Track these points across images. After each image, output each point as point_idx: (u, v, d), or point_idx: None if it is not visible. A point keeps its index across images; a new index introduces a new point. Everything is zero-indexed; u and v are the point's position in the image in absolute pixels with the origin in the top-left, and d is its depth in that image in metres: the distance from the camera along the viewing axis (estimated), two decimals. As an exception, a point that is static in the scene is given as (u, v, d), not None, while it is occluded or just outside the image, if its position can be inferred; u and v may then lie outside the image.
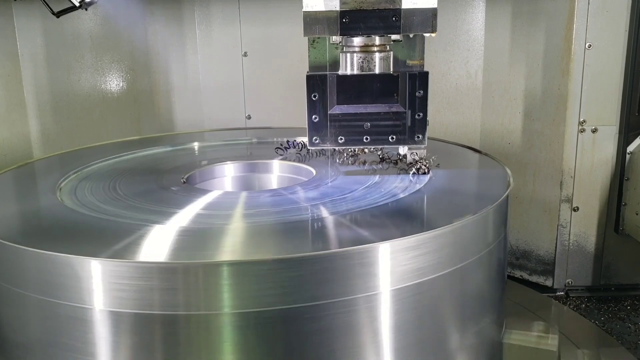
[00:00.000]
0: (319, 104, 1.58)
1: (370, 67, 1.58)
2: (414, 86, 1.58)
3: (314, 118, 1.59)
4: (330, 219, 1.42)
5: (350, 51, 1.58)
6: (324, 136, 1.61)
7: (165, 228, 1.39)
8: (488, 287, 1.52)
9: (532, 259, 2.58)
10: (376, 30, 1.51)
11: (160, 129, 2.79)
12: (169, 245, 1.30)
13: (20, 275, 1.31)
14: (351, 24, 1.49)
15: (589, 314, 2.37)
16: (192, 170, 1.90)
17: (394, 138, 1.62)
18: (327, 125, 1.60)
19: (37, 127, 2.68)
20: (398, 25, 1.48)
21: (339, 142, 1.62)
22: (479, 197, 1.60)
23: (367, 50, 1.57)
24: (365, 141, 1.62)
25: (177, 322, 1.22)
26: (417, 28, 1.51)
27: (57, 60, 2.66)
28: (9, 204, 1.60)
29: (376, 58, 1.58)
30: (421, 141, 1.62)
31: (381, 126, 1.61)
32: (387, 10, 1.47)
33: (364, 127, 1.61)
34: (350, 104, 1.59)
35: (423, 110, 1.60)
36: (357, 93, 1.59)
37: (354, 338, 1.28)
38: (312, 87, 1.58)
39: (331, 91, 1.58)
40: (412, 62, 1.63)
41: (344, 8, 1.47)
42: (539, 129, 2.48)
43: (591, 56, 2.30)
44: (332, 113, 1.59)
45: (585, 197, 2.43)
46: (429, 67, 2.75)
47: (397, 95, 1.58)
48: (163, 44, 2.75)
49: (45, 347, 1.33)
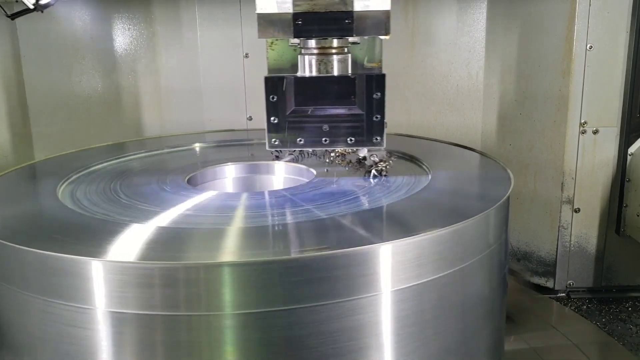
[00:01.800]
0: (278, 105, 1.59)
1: (328, 70, 1.58)
2: (371, 88, 1.58)
3: (273, 120, 1.60)
4: (332, 220, 1.43)
5: (309, 53, 1.58)
6: (283, 138, 1.62)
7: (167, 229, 1.40)
8: (489, 288, 1.52)
9: (533, 260, 2.58)
10: (330, 33, 1.51)
11: (161, 130, 2.79)
12: (170, 246, 1.30)
13: (22, 276, 1.31)
14: (305, 26, 1.48)
15: (590, 316, 2.37)
16: (194, 171, 1.90)
17: (353, 140, 1.62)
18: (286, 127, 1.60)
19: (38, 129, 2.68)
20: (351, 28, 1.48)
21: (298, 143, 1.62)
22: (480, 199, 1.60)
23: (325, 52, 1.58)
24: (324, 143, 1.63)
25: (179, 322, 1.22)
26: (371, 30, 1.50)
27: (58, 61, 2.67)
28: (10, 205, 1.60)
29: (334, 60, 1.58)
30: (379, 143, 1.63)
31: (339, 128, 1.61)
32: (339, 12, 1.47)
33: (323, 129, 1.61)
34: (309, 106, 1.59)
35: (380, 113, 1.60)
36: (315, 95, 1.59)
37: (355, 339, 1.28)
38: (271, 89, 1.58)
39: (289, 93, 1.58)
40: (370, 65, 1.64)
41: (297, 10, 1.47)
42: (540, 130, 2.48)
43: (592, 57, 2.30)
44: (290, 115, 1.59)
45: (586, 199, 2.43)
46: (432, 68, 2.78)
47: (354, 98, 1.58)
48: (164, 45, 2.75)
49: (47, 347, 1.33)
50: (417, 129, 2.84)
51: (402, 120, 2.86)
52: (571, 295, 2.52)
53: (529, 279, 2.60)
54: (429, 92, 2.81)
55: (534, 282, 2.58)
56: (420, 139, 2.30)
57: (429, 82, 2.80)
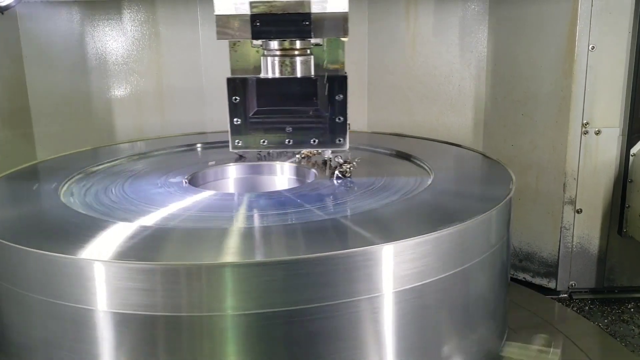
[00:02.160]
0: (240, 107, 1.59)
1: (291, 71, 1.58)
2: (333, 90, 1.58)
3: (236, 121, 1.60)
4: (333, 220, 1.42)
5: (271, 55, 1.58)
6: (246, 139, 1.62)
7: (168, 229, 1.40)
8: (491, 289, 1.52)
9: (535, 261, 2.58)
10: (287, 34, 1.51)
11: (163, 130, 2.79)
12: (172, 247, 1.30)
13: (24, 277, 1.31)
14: (263, 28, 1.48)
15: (592, 317, 2.37)
16: (195, 171, 1.90)
17: (316, 141, 1.63)
18: (249, 128, 1.61)
19: (40, 129, 2.69)
20: (309, 30, 1.48)
21: (262, 144, 1.62)
22: (482, 199, 1.60)
23: (287, 54, 1.57)
24: (287, 144, 1.63)
25: (180, 323, 1.22)
26: (329, 32, 1.51)
27: (60, 62, 2.67)
28: (12, 205, 1.60)
29: (297, 62, 1.58)
30: (342, 144, 1.63)
31: (302, 129, 1.62)
32: (297, 14, 1.47)
33: (286, 130, 1.61)
34: (271, 107, 1.60)
35: (343, 114, 1.60)
36: (277, 96, 1.59)
37: (356, 340, 1.28)
38: (233, 90, 1.58)
39: (251, 94, 1.58)
40: (333, 66, 1.64)
41: (255, 12, 1.47)
42: (542, 130, 2.48)
43: (594, 58, 2.30)
44: (253, 116, 1.59)
45: (588, 199, 2.42)
46: (432, 68, 2.78)
47: (316, 99, 1.58)
48: (166, 45, 2.75)
49: (48, 348, 1.33)
50: (419, 129, 2.84)
51: (404, 121, 2.86)
52: (573, 296, 2.51)
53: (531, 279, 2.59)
54: (430, 93, 2.81)
55: (535, 283, 2.57)
56: (422, 140, 2.30)
57: (430, 82, 2.80)
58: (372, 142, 2.24)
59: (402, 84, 2.83)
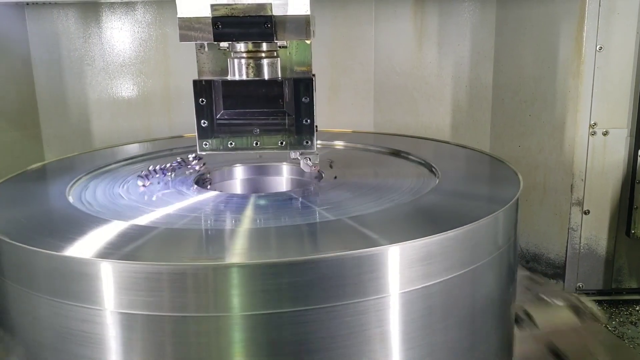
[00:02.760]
0: (207, 109, 1.59)
1: (257, 73, 1.58)
2: (298, 92, 1.58)
3: (203, 123, 1.61)
4: (340, 221, 1.43)
5: (238, 57, 1.59)
6: (213, 141, 1.62)
7: (175, 230, 1.40)
8: (498, 290, 1.52)
9: (543, 262, 2.57)
10: (249, 37, 1.51)
11: (170, 131, 2.80)
12: (178, 247, 1.31)
13: (32, 277, 1.32)
14: (224, 30, 1.48)
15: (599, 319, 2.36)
16: (203, 172, 1.91)
17: (283, 143, 1.63)
18: (216, 130, 1.61)
19: (48, 130, 2.70)
20: (271, 33, 1.48)
21: (229, 146, 1.63)
22: (489, 200, 1.60)
23: (253, 56, 1.58)
24: (255, 146, 1.63)
25: (187, 323, 1.22)
26: (291, 35, 1.51)
27: (68, 63, 2.68)
28: (21, 205, 1.61)
29: (263, 64, 1.58)
30: (310, 146, 1.63)
31: (269, 131, 1.62)
32: (258, 17, 1.47)
33: (253, 132, 1.62)
34: (238, 109, 1.60)
35: (309, 116, 1.60)
36: (243, 98, 1.59)
37: (363, 341, 1.28)
38: (200, 92, 1.59)
39: (218, 96, 1.59)
40: (300, 68, 1.64)
41: (216, 15, 1.47)
42: (549, 131, 2.47)
43: (602, 58, 2.29)
44: (220, 118, 1.60)
45: (596, 200, 2.42)
46: (440, 69, 2.78)
47: (282, 101, 1.59)
48: (174, 46, 2.76)
49: (56, 348, 1.34)
50: (425, 130, 2.84)
51: (410, 122, 2.86)
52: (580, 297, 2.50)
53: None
54: (437, 93, 2.81)
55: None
56: (428, 141, 2.30)
57: (437, 83, 2.80)
58: (377, 142, 2.24)
59: (409, 84, 2.83)
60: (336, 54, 2.83)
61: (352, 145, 2.24)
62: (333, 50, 2.83)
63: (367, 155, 2.15)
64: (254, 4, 1.47)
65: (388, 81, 2.85)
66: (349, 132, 2.47)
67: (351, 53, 2.84)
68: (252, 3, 1.47)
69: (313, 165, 1.74)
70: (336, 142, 2.26)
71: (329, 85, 2.86)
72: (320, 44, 2.70)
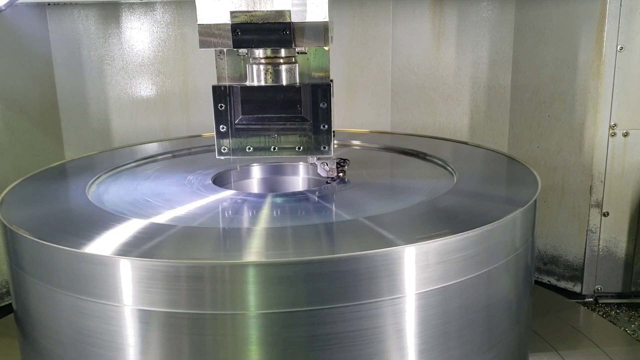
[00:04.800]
0: (226, 114, 1.61)
1: (275, 79, 1.60)
2: (316, 98, 1.59)
3: (222, 128, 1.63)
4: (356, 221, 1.43)
5: (256, 63, 1.60)
6: (232, 146, 1.64)
7: (193, 229, 1.41)
8: (515, 292, 1.51)
9: (561, 265, 2.55)
10: (268, 44, 1.52)
11: (188, 130, 2.82)
12: (196, 246, 1.32)
13: (52, 273, 1.34)
14: (243, 37, 1.50)
15: (618, 322, 2.33)
16: (219, 171, 1.92)
17: (301, 148, 1.64)
18: (234, 135, 1.63)
19: (68, 129, 2.74)
20: (289, 39, 1.49)
21: (247, 151, 1.64)
22: (507, 201, 1.59)
23: (271, 62, 1.59)
24: (273, 151, 1.64)
25: (204, 321, 1.24)
26: (310, 41, 1.52)
27: (89, 63, 2.72)
28: (42, 203, 1.63)
29: (281, 70, 1.59)
30: (327, 151, 1.65)
31: (287, 136, 1.64)
32: (277, 24, 1.49)
33: (272, 137, 1.63)
34: (256, 115, 1.61)
35: (327, 122, 1.62)
36: (261, 104, 1.61)
37: (378, 341, 1.28)
38: (218, 98, 1.60)
39: (237, 102, 1.60)
40: (318, 74, 1.65)
41: (235, 21, 1.49)
42: (568, 132, 2.45)
43: (623, 58, 2.26)
44: (238, 123, 1.61)
45: (615, 202, 2.39)
46: (458, 69, 2.76)
47: (300, 107, 1.59)
48: (192, 46, 2.78)
49: (76, 342, 1.36)
50: (443, 130, 2.83)
51: (428, 122, 2.85)
52: (599, 300, 2.48)
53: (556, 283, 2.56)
54: (455, 94, 2.79)
55: (560, 287, 2.55)
56: (446, 141, 2.29)
57: (455, 83, 2.79)
58: (394, 142, 2.24)
59: (426, 84, 2.82)
60: (353, 54, 2.83)
61: (369, 145, 2.24)
62: (350, 49, 2.83)
63: (384, 156, 2.15)
64: (272, 11, 1.48)
65: (405, 81, 2.85)
66: (366, 132, 2.47)
67: (368, 53, 2.84)
68: (271, 10, 1.48)
69: (330, 169, 1.75)
70: (353, 142, 2.26)
71: (346, 85, 2.86)
72: (337, 43, 2.70)
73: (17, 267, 1.44)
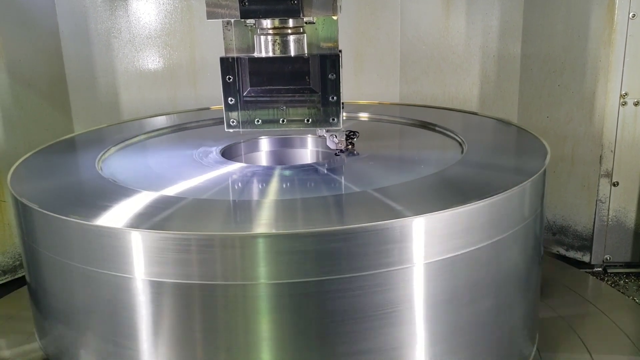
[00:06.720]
0: (234, 86, 1.60)
1: (283, 50, 1.58)
2: (325, 69, 1.57)
3: (230, 100, 1.61)
4: (365, 193, 1.43)
5: (264, 34, 1.58)
6: (240, 118, 1.63)
7: (203, 201, 1.42)
8: (524, 262, 1.51)
9: (570, 235, 2.55)
10: (276, 14, 1.50)
11: (196, 103, 2.82)
12: (206, 217, 1.33)
13: (65, 246, 1.36)
14: (251, 7, 1.48)
15: (627, 291, 2.34)
16: (228, 144, 1.92)
17: (310, 120, 1.63)
18: (243, 107, 1.61)
19: (77, 102, 2.74)
20: (297, 9, 1.47)
21: (256, 124, 1.63)
22: (516, 172, 1.58)
23: (279, 32, 1.57)
24: (281, 123, 1.63)
25: (215, 291, 1.25)
26: (318, 11, 1.50)
27: (96, 36, 2.70)
28: (52, 177, 1.65)
29: (289, 40, 1.57)
30: (336, 123, 1.63)
31: (296, 108, 1.62)
32: None
33: (280, 109, 1.62)
34: (264, 86, 1.60)
35: (336, 93, 1.60)
36: (270, 75, 1.59)
37: (387, 311, 1.29)
38: (226, 70, 1.59)
39: (245, 74, 1.58)
40: (326, 45, 1.62)
41: None
42: (578, 101, 2.43)
43: (635, 26, 2.23)
44: (246, 95, 1.60)
45: (625, 172, 2.38)
46: (468, 39, 2.73)
47: (309, 78, 1.57)
48: (199, 18, 2.76)
49: (88, 314, 1.38)
50: (452, 101, 2.81)
51: (437, 93, 2.83)
52: (608, 270, 2.48)
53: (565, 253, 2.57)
54: (464, 64, 2.76)
55: (569, 257, 2.55)
56: (455, 112, 2.28)
57: (464, 53, 2.75)
58: (403, 113, 2.23)
59: (436, 54, 2.79)
60: (361, 23, 2.80)
61: (377, 116, 2.23)
62: (358, 19, 2.79)
63: (393, 127, 2.14)
64: None
65: (414, 51, 2.82)
66: (375, 103, 2.46)
67: (377, 22, 2.81)
68: None
69: (339, 142, 1.75)
70: (361, 114, 2.25)
71: (354, 56, 2.83)
72: (345, 13, 2.66)
73: (30, 240, 1.46)
